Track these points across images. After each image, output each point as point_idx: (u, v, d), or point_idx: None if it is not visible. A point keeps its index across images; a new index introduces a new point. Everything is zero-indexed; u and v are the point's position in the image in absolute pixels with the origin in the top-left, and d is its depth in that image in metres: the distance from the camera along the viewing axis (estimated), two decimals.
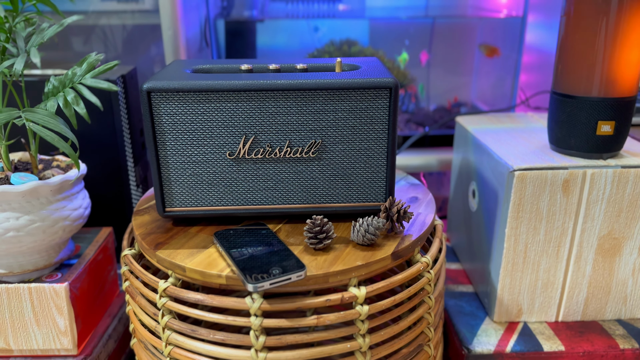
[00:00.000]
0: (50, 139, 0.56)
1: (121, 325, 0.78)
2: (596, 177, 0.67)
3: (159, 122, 0.58)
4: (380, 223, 0.58)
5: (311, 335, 0.54)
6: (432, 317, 0.62)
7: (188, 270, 0.55)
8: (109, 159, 0.87)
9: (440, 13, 1.18)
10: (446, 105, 1.20)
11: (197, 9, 1.01)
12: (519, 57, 1.10)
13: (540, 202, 0.68)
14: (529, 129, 0.83)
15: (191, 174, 0.61)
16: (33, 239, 0.63)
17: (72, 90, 0.61)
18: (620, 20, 0.64)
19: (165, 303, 0.56)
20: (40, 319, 0.66)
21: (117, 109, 0.85)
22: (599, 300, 0.74)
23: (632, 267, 0.72)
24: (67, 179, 0.64)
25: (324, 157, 0.61)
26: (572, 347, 0.69)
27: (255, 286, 0.50)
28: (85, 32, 1.09)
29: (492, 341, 0.71)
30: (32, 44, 0.61)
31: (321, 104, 0.59)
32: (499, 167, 0.70)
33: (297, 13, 1.15)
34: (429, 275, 0.60)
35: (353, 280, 0.55)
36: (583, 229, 0.70)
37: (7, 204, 0.61)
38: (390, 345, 0.58)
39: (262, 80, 0.58)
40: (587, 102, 0.67)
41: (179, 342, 0.56)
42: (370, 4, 1.19)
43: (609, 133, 0.68)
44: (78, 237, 0.77)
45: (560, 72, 0.70)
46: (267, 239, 0.58)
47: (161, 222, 0.64)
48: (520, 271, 0.72)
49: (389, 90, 0.58)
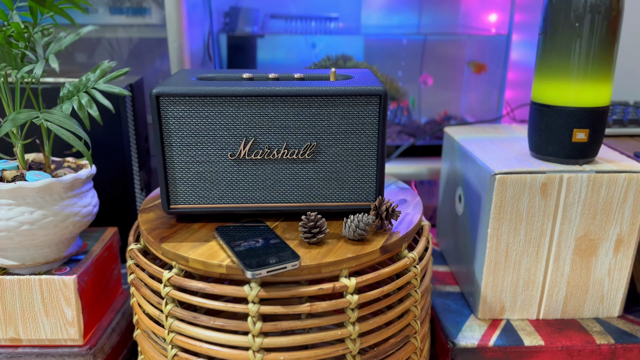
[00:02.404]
0: (66, 138, 0.61)
1: (124, 320, 0.82)
2: (572, 181, 0.72)
3: (166, 125, 0.63)
4: (370, 219, 0.62)
5: (305, 322, 0.58)
6: (418, 310, 0.66)
7: (191, 261, 0.59)
8: (116, 164, 0.92)
9: (432, 31, 1.25)
10: (437, 119, 1.25)
11: (201, 24, 1.07)
12: (505, 73, 1.16)
13: (520, 204, 0.73)
14: (512, 138, 0.88)
15: (195, 173, 0.65)
16: (45, 232, 0.67)
17: (86, 95, 0.66)
18: (593, 37, 0.69)
19: (169, 292, 0.60)
20: (49, 309, 0.70)
21: (125, 116, 0.90)
22: (578, 299, 0.78)
23: (608, 268, 0.77)
24: (79, 177, 0.69)
25: (318, 158, 0.66)
26: (551, 342, 0.74)
27: (253, 273, 0.54)
28: (93, 45, 1.14)
29: (476, 336, 0.75)
30: (51, 50, 0.66)
31: (316, 109, 0.64)
32: (482, 171, 0.75)
33: (295, 30, 1.21)
34: (416, 270, 0.64)
35: (344, 271, 0.59)
36: (561, 230, 0.74)
37: (23, 199, 0.65)
38: (378, 335, 0.62)
39: (262, 87, 0.63)
40: (564, 111, 0.72)
41: (181, 329, 0.60)
42: (365, 22, 1.25)
43: (583, 140, 0.73)
44: (85, 235, 0.82)
45: (538, 84, 0.75)
46: (264, 233, 0.63)
47: (165, 219, 0.69)
48: (503, 270, 0.76)
49: (379, 97, 0.63)
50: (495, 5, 1.21)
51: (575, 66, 0.71)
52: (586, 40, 0.69)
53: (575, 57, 0.70)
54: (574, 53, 0.70)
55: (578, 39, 0.70)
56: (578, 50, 0.70)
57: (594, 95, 0.71)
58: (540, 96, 0.75)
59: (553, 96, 0.73)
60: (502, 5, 1.19)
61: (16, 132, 0.68)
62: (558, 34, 0.71)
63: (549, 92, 0.73)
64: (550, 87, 0.73)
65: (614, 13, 0.69)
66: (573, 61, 0.71)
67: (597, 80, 0.71)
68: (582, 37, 0.69)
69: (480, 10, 1.23)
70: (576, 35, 0.70)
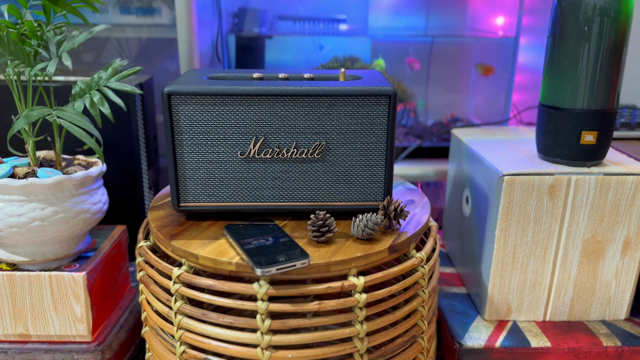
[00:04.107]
0: (78, 135, 0.62)
1: (132, 318, 0.82)
2: (580, 183, 0.72)
3: (177, 123, 0.64)
4: (378, 219, 0.63)
5: (313, 320, 0.59)
6: (425, 311, 0.66)
7: (201, 258, 0.60)
8: (125, 162, 0.92)
9: (439, 32, 1.25)
10: (443, 121, 1.26)
11: (210, 24, 1.07)
12: (512, 76, 1.16)
13: (528, 205, 0.73)
14: (520, 140, 0.88)
15: (205, 171, 0.66)
16: (56, 228, 0.67)
17: (98, 92, 0.67)
18: (602, 40, 0.69)
19: (179, 289, 0.61)
20: (59, 305, 0.71)
21: (135, 116, 0.91)
22: (584, 301, 0.78)
23: (615, 270, 0.77)
24: (89, 175, 0.69)
25: (327, 158, 0.66)
26: (557, 344, 0.74)
27: (263, 271, 0.55)
28: (103, 44, 1.15)
29: (483, 337, 0.75)
30: (64, 48, 0.67)
31: (326, 109, 0.64)
32: (490, 173, 0.75)
33: (303, 31, 1.21)
34: (423, 270, 0.65)
35: (352, 270, 0.60)
36: (568, 232, 0.74)
37: (34, 195, 0.66)
38: (386, 334, 0.62)
39: (272, 86, 0.63)
40: (572, 113, 0.73)
41: (190, 326, 0.61)
42: (373, 23, 1.25)
43: (592, 142, 0.73)
44: (94, 232, 0.82)
45: (547, 87, 0.75)
46: (273, 232, 0.63)
47: (175, 217, 0.69)
48: (510, 271, 0.76)
49: (388, 98, 0.64)
50: (503, 8, 1.21)
51: (584, 69, 0.71)
52: (595, 44, 0.70)
53: (584, 60, 0.71)
54: (582, 56, 0.71)
55: (587, 42, 0.70)
56: (587, 53, 0.70)
57: (602, 97, 0.72)
58: (548, 98, 0.75)
59: (561, 98, 0.73)
60: (509, 8, 1.19)
61: (28, 129, 0.69)
62: (567, 37, 0.71)
63: (558, 94, 0.74)
64: (558, 90, 0.73)
65: (623, 16, 0.69)
66: (582, 64, 0.71)
67: (605, 83, 0.71)
68: (591, 40, 0.70)
69: (487, 12, 1.24)
70: (585, 39, 0.70)
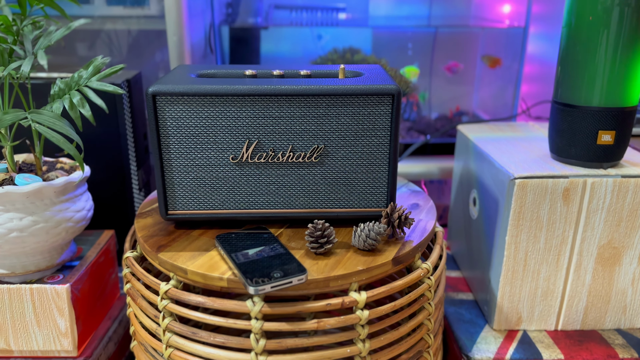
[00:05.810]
0: (55, 141, 0.57)
1: (121, 328, 0.78)
2: (596, 187, 0.68)
3: (163, 125, 0.59)
4: (381, 228, 0.58)
5: (311, 340, 0.54)
6: (431, 324, 0.62)
7: (190, 273, 0.55)
8: (113, 162, 0.88)
9: (443, 23, 1.19)
10: (448, 114, 1.21)
11: (202, 15, 1.02)
12: (521, 68, 1.10)
13: (540, 210, 0.68)
14: (530, 137, 0.84)
15: (194, 177, 0.61)
16: (36, 239, 0.63)
17: (78, 93, 0.62)
18: (621, 32, 0.64)
19: (167, 305, 0.56)
20: (41, 319, 0.66)
21: (122, 113, 0.86)
22: (599, 310, 0.74)
23: (632, 277, 0.72)
24: (71, 181, 0.65)
25: (326, 162, 0.61)
26: (571, 356, 0.69)
27: (256, 289, 0.50)
28: (90, 37, 1.10)
29: (492, 349, 0.71)
30: (40, 46, 0.62)
31: (324, 110, 0.59)
32: (500, 175, 0.70)
33: (300, 21, 1.16)
34: (429, 282, 0.60)
35: (354, 285, 0.55)
36: (583, 238, 0.70)
37: (11, 205, 0.61)
38: (389, 351, 0.58)
39: (266, 85, 0.58)
40: (588, 111, 0.68)
41: (179, 345, 0.57)
42: (374, 13, 1.20)
43: (609, 143, 0.68)
44: (80, 239, 0.78)
45: (561, 82, 0.70)
46: (268, 242, 0.59)
47: (163, 225, 0.65)
48: (520, 279, 0.72)
49: (391, 97, 0.59)
50: None
51: (601, 62, 0.66)
52: (614, 35, 0.64)
53: (601, 53, 0.66)
54: (600, 48, 0.65)
55: (605, 32, 0.65)
56: (605, 45, 0.65)
57: (621, 94, 0.67)
58: (562, 95, 0.70)
59: (577, 95, 0.68)
60: None
61: (5, 132, 0.64)
62: (584, 28, 0.66)
63: (573, 91, 0.69)
64: (574, 85, 0.68)
65: None
66: (599, 57, 0.66)
67: (625, 78, 0.66)
68: (609, 31, 0.64)
69: (494, 1, 1.18)
70: (603, 29, 0.65)
